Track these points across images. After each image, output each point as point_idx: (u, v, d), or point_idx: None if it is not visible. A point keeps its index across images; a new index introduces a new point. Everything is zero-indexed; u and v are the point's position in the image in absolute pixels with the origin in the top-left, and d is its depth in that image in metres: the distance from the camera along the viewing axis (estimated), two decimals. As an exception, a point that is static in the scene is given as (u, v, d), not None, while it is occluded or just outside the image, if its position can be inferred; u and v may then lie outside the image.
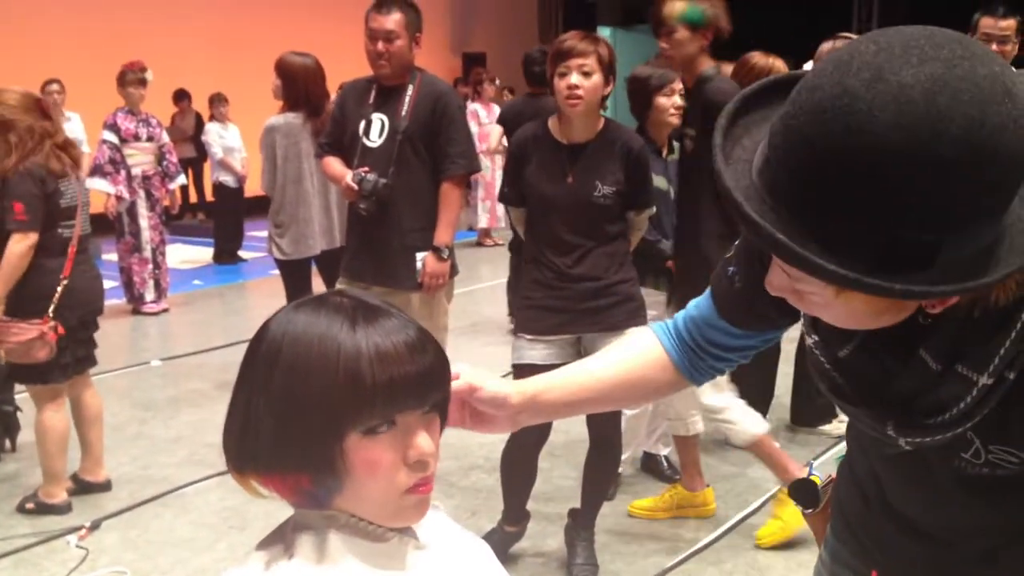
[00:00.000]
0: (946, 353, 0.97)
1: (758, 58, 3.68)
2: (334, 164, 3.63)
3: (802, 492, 1.41)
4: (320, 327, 0.90)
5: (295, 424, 0.89)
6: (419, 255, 3.49)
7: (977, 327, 0.94)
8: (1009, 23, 4.19)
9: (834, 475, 1.37)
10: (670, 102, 3.42)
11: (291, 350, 0.90)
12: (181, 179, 7.31)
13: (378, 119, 3.52)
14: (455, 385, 1.14)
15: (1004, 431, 0.98)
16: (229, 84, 9.59)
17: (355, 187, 3.45)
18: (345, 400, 0.88)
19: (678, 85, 3.41)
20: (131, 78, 6.69)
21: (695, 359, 1.30)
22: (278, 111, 4.66)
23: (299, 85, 4.56)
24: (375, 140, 3.52)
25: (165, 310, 7.10)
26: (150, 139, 6.88)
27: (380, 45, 3.44)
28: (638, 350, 1.32)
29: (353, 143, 3.56)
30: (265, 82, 4.94)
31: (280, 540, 0.96)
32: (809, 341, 1.09)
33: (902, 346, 1.00)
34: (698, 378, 1.32)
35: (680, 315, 1.32)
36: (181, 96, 11.15)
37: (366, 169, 3.47)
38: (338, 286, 3.68)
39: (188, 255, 9.67)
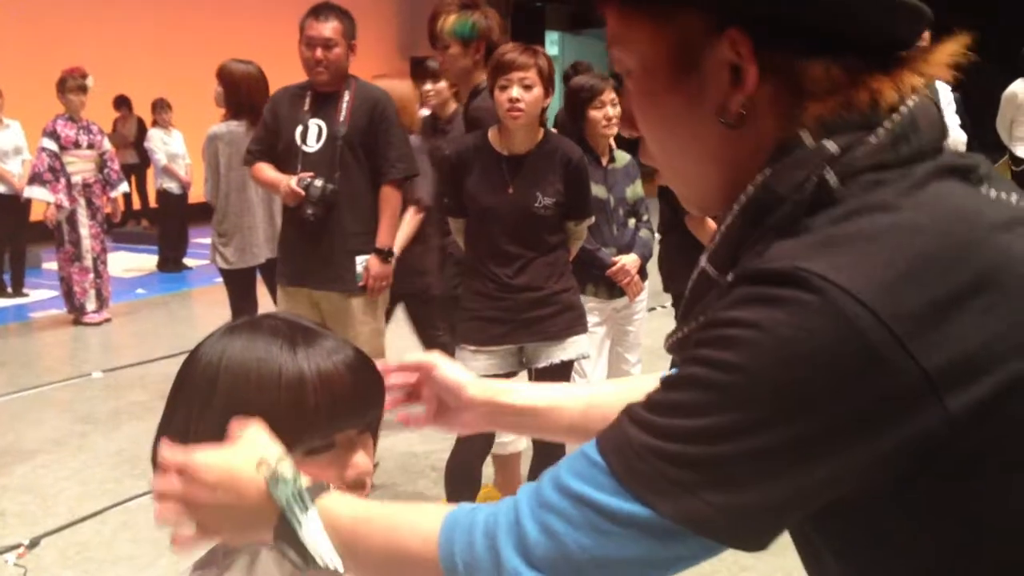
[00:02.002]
0: None
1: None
2: (267, 170, 3.63)
3: None
4: (258, 351, 0.91)
5: None
6: (359, 259, 3.53)
7: None
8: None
9: None
10: (601, 114, 3.43)
11: (229, 375, 0.91)
12: (123, 187, 7.21)
13: (315, 125, 3.54)
14: (421, 359, 1.13)
15: None
16: (172, 90, 9.45)
17: (301, 192, 3.46)
18: (288, 422, 0.89)
19: (609, 96, 3.42)
20: (71, 84, 6.59)
21: None
22: (221, 118, 4.62)
23: (241, 93, 4.53)
24: (313, 145, 3.53)
25: (107, 320, 6.98)
26: (91, 146, 6.78)
27: (318, 52, 3.47)
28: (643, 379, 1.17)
29: (288, 149, 3.57)
30: (208, 88, 4.88)
31: (212, 563, 0.97)
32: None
33: None
34: None
35: None
36: (121, 102, 10.98)
37: (311, 174, 3.48)
38: (278, 290, 3.71)
39: (131, 263, 9.52)
